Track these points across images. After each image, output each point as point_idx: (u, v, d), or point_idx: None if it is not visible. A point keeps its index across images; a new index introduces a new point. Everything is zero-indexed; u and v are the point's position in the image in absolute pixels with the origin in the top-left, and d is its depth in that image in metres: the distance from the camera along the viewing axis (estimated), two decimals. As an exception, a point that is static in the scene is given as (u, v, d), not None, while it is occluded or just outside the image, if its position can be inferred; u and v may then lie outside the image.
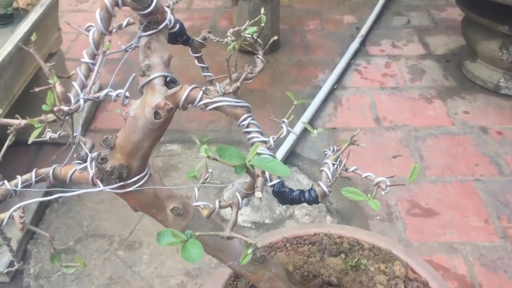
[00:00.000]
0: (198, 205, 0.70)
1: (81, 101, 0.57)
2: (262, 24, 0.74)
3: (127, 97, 0.65)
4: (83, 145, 0.76)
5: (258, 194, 0.54)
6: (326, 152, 0.69)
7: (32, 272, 1.80)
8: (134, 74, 0.66)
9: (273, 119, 0.75)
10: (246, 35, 0.72)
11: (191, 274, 1.77)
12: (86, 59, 0.62)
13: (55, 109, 0.54)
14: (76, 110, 0.57)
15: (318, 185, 0.66)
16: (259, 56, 0.75)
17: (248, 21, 0.76)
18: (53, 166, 0.71)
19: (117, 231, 1.94)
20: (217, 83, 0.69)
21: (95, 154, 0.69)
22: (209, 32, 0.81)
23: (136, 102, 0.67)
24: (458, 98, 2.56)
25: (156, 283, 1.76)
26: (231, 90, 0.64)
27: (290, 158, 2.20)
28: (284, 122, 0.73)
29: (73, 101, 0.56)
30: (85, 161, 0.72)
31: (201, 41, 0.82)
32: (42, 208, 2.02)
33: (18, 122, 0.60)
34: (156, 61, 0.67)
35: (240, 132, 0.76)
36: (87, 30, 0.62)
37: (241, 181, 1.76)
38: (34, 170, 0.70)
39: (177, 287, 1.74)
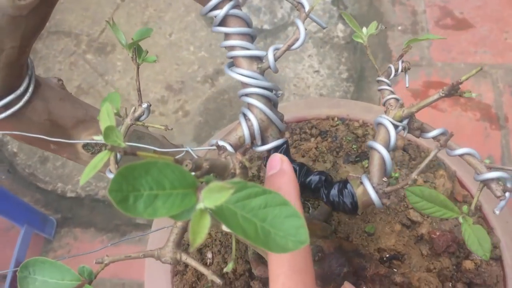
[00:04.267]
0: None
1: None
2: None
3: None
4: None
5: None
6: (382, 89, 0.35)
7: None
8: None
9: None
10: None
11: (173, 88, 1.52)
12: None
13: None
14: None
15: (361, 183, 0.35)
16: None
17: None
18: None
19: (85, 29, 1.61)
20: None
21: None
22: None
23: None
24: None
25: (132, 96, 1.52)
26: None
27: None
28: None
29: None
30: None
31: None
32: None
33: None
34: None
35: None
36: None
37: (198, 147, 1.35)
38: None
39: (157, 103, 1.51)
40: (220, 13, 0.36)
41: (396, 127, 0.37)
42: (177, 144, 0.51)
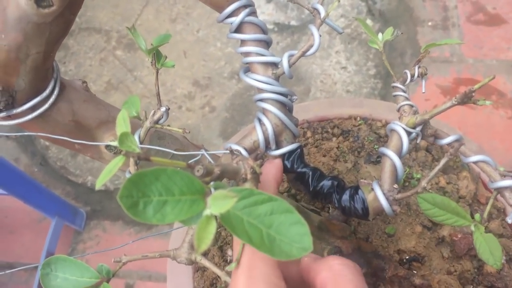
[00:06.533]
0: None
1: None
2: None
3: None
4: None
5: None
6: (397, 95, 0.36)
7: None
8: None
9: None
10: None
11: (200, 84, 1.54)
12: None
13: None
14: None
15: (372, 189, 0.35)
16: None
17: None
18: None
19: (115, 26, 1.64)
20: None
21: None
22: None
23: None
24: None
25: (160, 92, 1.54)
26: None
27: None
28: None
29: None
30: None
31: None
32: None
33: None
34: None
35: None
36: None
37: (216, 150, 1.37)
38: None
39: (184, 98, 1.53)
40: (236, 20, 0.37)
41: (409, 134, 0.37)
42: (197, 145, 0.52)
